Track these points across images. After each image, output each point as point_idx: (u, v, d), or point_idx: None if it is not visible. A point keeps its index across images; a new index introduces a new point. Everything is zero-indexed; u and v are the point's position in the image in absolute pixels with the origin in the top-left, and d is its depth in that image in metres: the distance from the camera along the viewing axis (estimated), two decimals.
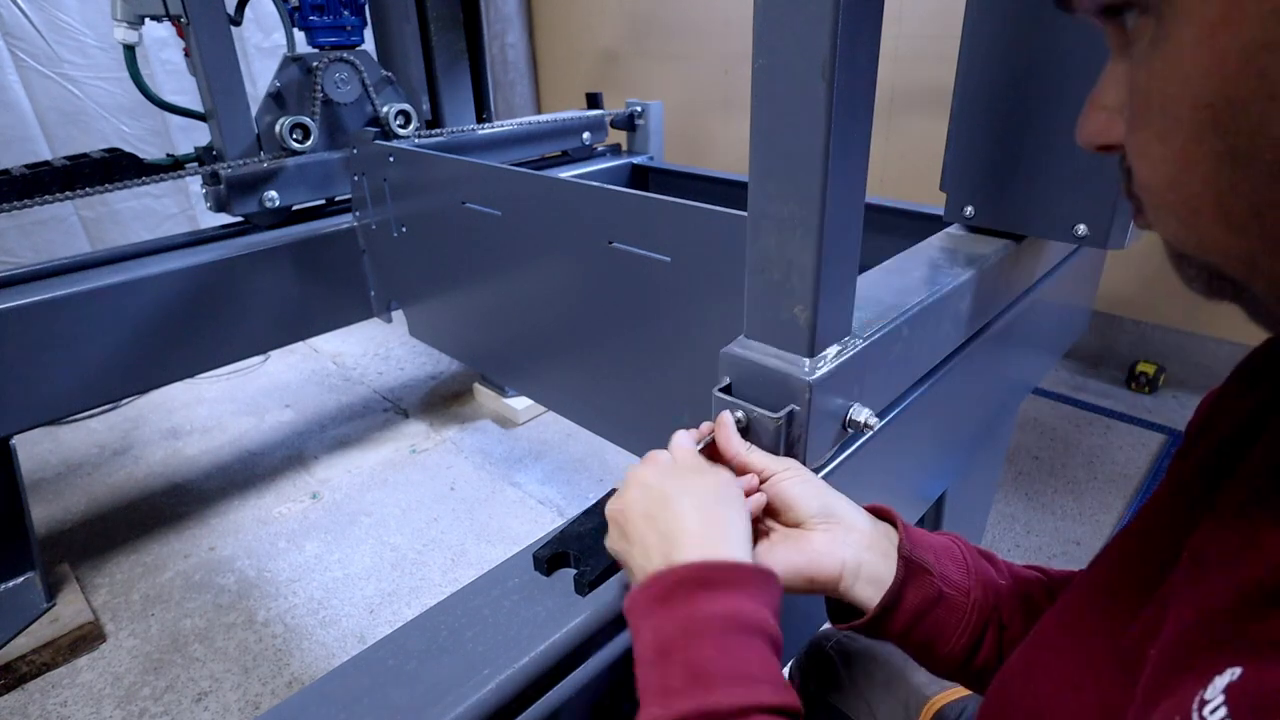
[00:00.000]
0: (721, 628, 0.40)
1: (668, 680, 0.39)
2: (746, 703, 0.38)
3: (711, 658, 0.39)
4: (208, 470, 1.98)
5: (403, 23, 1.82)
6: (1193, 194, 0.28)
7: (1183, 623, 0.32)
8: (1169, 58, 0.26)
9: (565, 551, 0.58)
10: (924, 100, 2.36)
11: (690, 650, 0.39)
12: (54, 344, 1.35)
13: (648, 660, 0.41)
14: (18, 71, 2.33)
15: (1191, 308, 2.14)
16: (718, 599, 0.41)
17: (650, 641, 0.41)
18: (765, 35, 0.54)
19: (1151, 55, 0.28)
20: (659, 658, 0.40)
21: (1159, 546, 0.39)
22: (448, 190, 1.49)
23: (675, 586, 0.42)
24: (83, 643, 1.43)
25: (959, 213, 0.94)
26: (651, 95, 2.11)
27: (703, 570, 0.42)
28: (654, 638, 0.41)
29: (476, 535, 1.72)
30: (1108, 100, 0.32)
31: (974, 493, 1.37)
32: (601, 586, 0.56)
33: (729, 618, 0.41)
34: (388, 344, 2.67)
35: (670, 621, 0.41)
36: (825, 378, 0.62)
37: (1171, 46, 0.26)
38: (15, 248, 2.45)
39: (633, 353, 1.25)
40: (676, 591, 0.42)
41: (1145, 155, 0.29)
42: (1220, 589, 0.31)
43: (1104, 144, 0.33)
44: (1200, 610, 0.31)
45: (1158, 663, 0.32)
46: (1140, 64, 0.28)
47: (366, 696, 0.48)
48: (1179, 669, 0.29)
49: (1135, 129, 0.30)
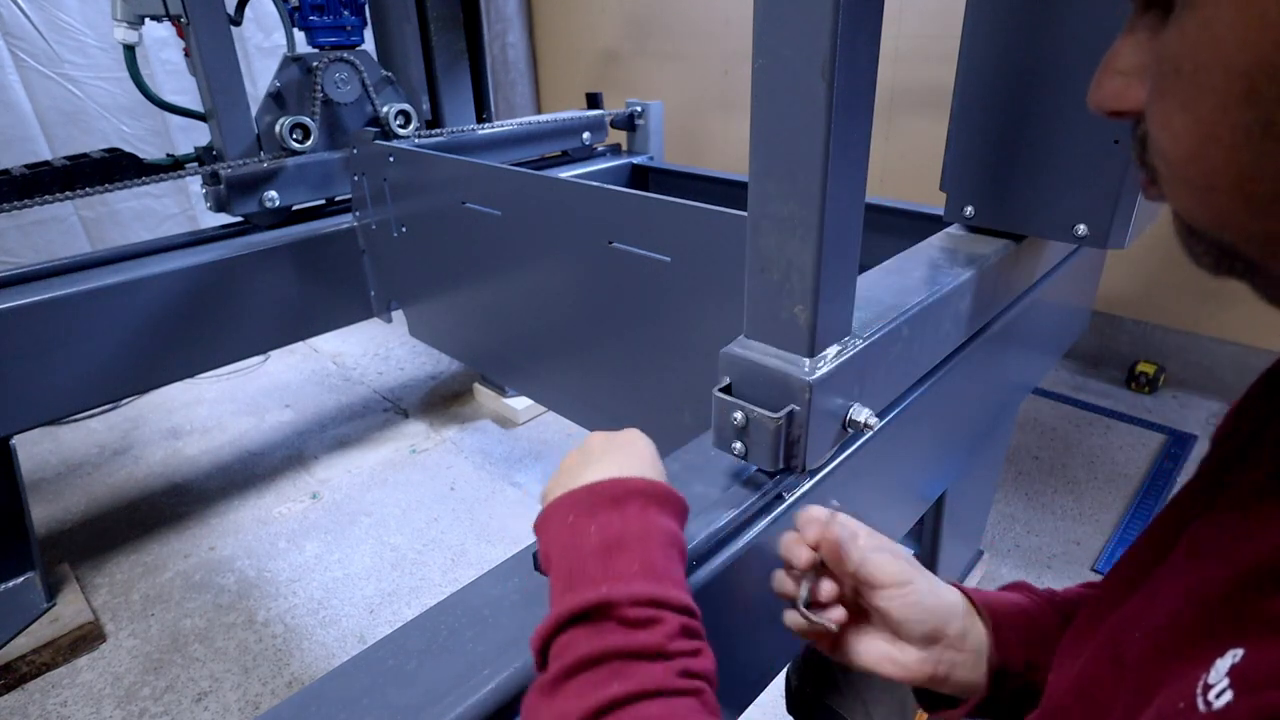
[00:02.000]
0: (669, 541, 0.44)
1: (619, 569, 0.41)
2: (688, 604, 0.42)
3: (662, 561, 0.43)
4: (208, 470, 1.98)
5: (403, 23, 1.82)
6: (1213, 168, 0.27)
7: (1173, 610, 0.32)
8: (1204, 23, 0.25)
9: None
10: (924, 100, 2.36)
11: (644, 550, 0.42)
12: (54, 344, 1.35)
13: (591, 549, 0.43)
14: (18, 71, 2.33)
15: (1192, 308, 2.14)
16: (665, 517, 0.45)
17: (596, 535, 0.43)
18: (765, 35, 0.54)
19: (1184, 20, 0.27)
20: (607, 550, 0.42)
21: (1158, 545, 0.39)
22: (448, 190, 1.49)
23: (631, 495, 0.45)
24: (83, 643, 1.43)
25: (959, 213, 0.94)
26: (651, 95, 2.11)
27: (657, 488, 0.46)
28: (602, 533, 0.43)
29: (476, 535, 1.72)
30: (1123, 64, 0.31)
31: (974, 493, 1.37)
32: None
33: (673, 538, 0.45)
34: (388, 344, 2.67)
35: (624, 522, 0.44)
36: (825, 378, 0.62)
37: (1208, 11, 0.25)
38: (15, 248, 2.45)
39: (633, 353, 1.25)
40: (631, 499, 0.45)
41: (1167, 125, 0.28)
42: (1216, 576, 0.31)
43: (1117, 109, 0.32)
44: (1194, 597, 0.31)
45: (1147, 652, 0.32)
46: (1173, 28, 0.27)
47: (366, 696, 0.47)
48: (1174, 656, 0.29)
49: (1159, 97, 0.29)
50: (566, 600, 0.40)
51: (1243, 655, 0.26)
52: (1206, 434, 1.98)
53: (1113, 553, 1.57)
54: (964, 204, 0.94)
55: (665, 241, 1.12)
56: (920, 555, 1.31)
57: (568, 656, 0.39)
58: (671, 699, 0.37)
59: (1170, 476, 1.81)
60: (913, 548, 1.32)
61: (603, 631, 0.39)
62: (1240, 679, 0.25)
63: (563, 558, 0.43)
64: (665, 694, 0.37)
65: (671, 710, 0.37)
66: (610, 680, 0.37)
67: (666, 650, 0.39)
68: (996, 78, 0.85)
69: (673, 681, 0.38)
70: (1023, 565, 1.57)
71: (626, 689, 0.37)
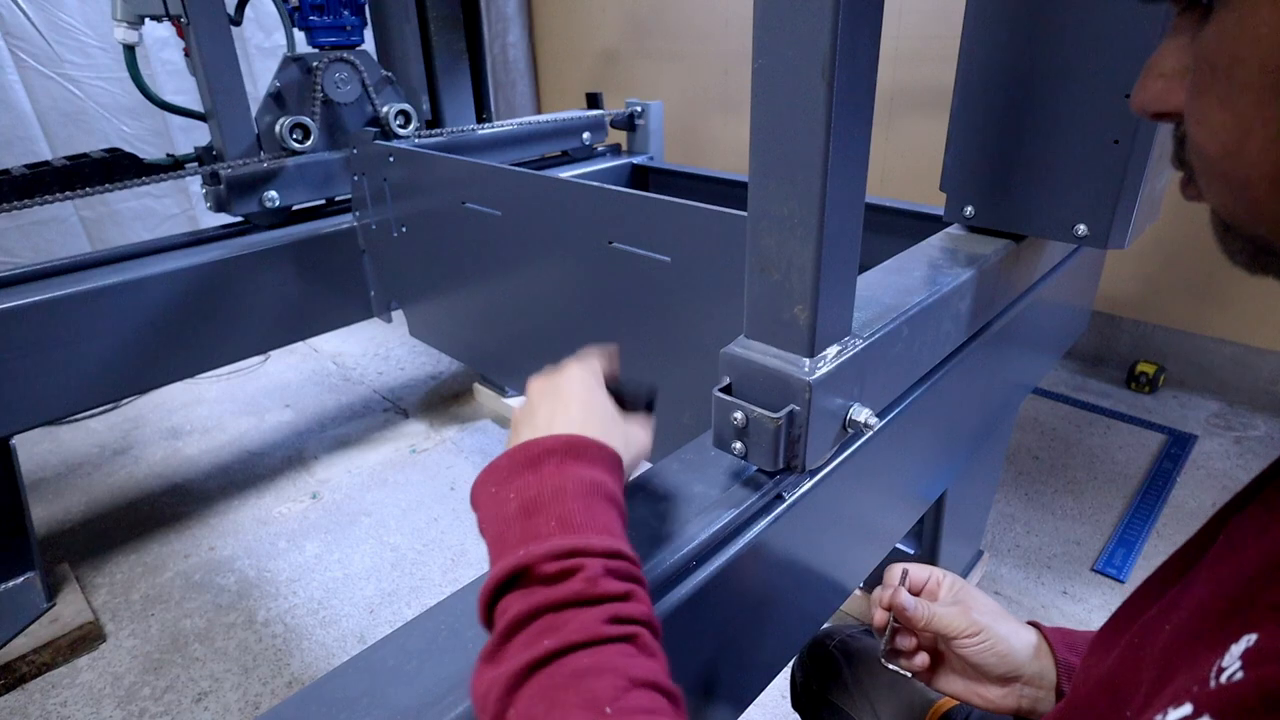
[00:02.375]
0: (589, 490, 0.44)
1: (537, 528, 0.42)
2: (615, 547, 0.42)
3: (580, 510, 0.43)
4: (208, 470, 1.98)
5: (403, 23, 1.83)
6: (1250, 163, 0.27)
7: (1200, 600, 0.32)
8: (1241, 20, 0.26)
9: None
10: (924, 100, 2.36)
11: (561, 505, 0.43)
12: (54, 344, 1.35)
13: (510, 516, 0.43)
14: (18, 71, 2.33)
15: (1192, 308, 2.14)
16: (583, 467, 0.45)
17: (515, 500, 0.44)
18: (765, 35, 0.54)
19: (1222, 18, 0.27)
20: (525, 513, 0.43)
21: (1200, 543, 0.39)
22: (448, 190, 1.49)
23: (546, 454, 0.45)
24: (83, 643, 1.43)
25: (959, 213, 0.94)
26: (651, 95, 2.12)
27: (572, 441, 0.46)
28: (520, 497, 0.44)
29: (476, 535, 1.71)
30: (1165, 67, 0.32)
31: (974, 493, 1.37)
32: None
33: (595, 483, 0.45)
34: (388, 344, 2.67)
35: (539, 482, 0.44)
36: (825, 378, 0.62)
37: (1245, 9, 0.26)
38: (15, 248, 2.45)
39: (633, 353, 1.25)
40: (547, 458, 0.45)
41: (1204, 121, 0.29)
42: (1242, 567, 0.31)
43: (1160, 110, 0.33)
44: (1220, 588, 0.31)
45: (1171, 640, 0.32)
46: (1212, 27, 0.28)
47: (366, 696, 0.47)
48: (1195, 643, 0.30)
49: (1197, 94, 0.29)
50: (494, 569, 0.41)
51: (1256, 639, 0.26)
52: (1207, 434, 1.98)
53: (1112, 552, 1.57)
54: (964, 204, 0.94)
55: (665, 241, 1.12)
56: (920, 555, 1.31)
57: (502, 621, 0.39)
58: (601, 648, 0.37)
59: (1170, 476, 1.81)
60: (913, 548, 1.32)
61: (529, 592, 0.40)
62: (1251, 661, 0.25)
63: (490, 526, 0.44)
64: (595, 643, 0.37)
65: (602, 659, 0.37)
66: (541, 636, 0.38)
67: (590, 595, 0.39)
68: (996, 78, 0.85)
69: (601, 629, 0.38)
70: (1023, 565, 1.57)
71: (556, 643, 0.37)
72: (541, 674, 0.37)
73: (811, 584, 0.75)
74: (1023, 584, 1.52)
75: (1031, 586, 1.51)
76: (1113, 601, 1.47)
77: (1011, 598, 1.49)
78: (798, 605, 0.75)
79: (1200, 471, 1.84)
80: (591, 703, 0.35)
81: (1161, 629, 0.34)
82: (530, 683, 0.36)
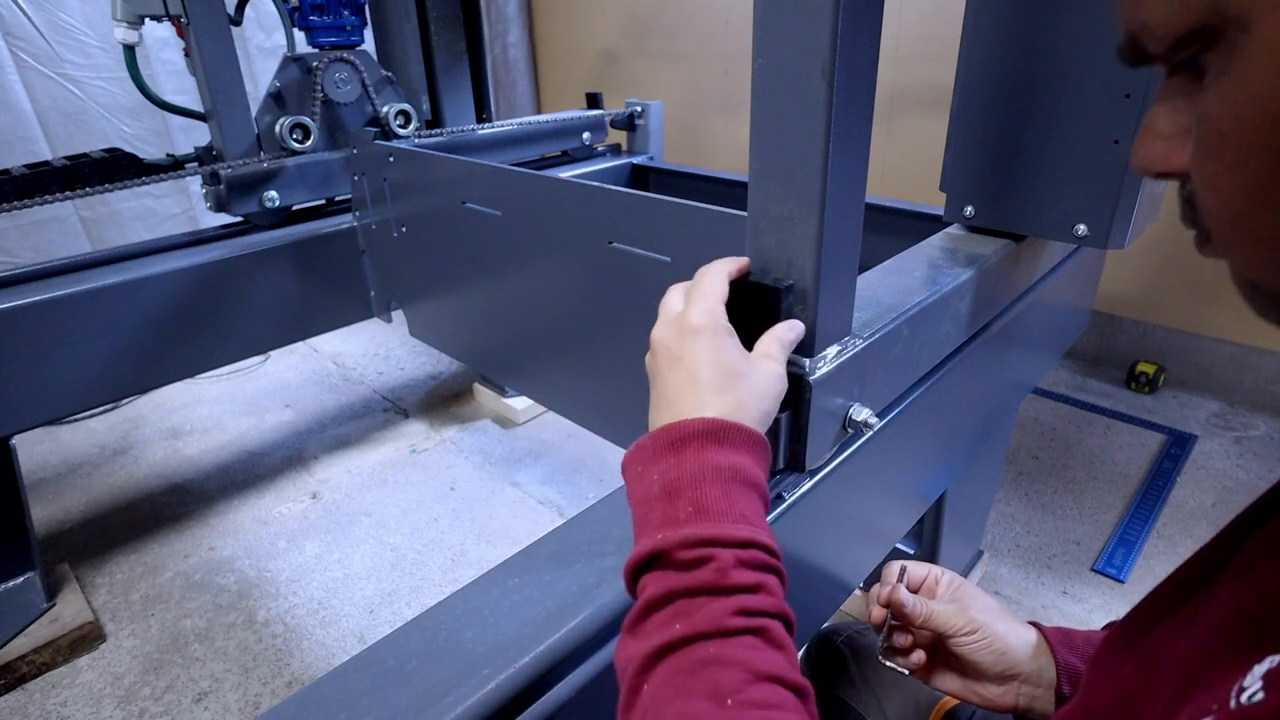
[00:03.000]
0: (728, 476, 0.44)
1: (675, 512, 0.43)
2: (748, 537, 0.42)
3: (717, 497, 0.43)
4: (208, 470, 1.98)
5: (403, 23, 1.83)
6: (1266, 225, 0.27)
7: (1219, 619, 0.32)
8: (1246, 86, 0.26)
9: None
10: (924, 100, 2.36)
11: (699, 490, 0.43)
12: (54, 344, 1.34)
13: (654, 496, 0.44)
14: (18, 71, 2.33)
15: (1192, 308, 2.14)
16: (724, 452, 0.45)
17: (658, 481, 0.45)
18: (765, 35, 0.54)
19: (1224, 83, 0.27)
20: (666, 495, 0.44)
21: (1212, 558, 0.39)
22: (448, 190, 1.49)
23: (690, 437, 0.46)
24: (83, 643, 1.43)
25: (959, 213, 0.94)
26: (651, 95, 2.11)
27: (714, 425, 0.46)
28: (663, 479, 0.45)
29: (476, 535, 1.72)
30: (1164, 128, 0.32)
31: (974, 493, 1.37)
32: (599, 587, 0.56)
33: (734, 469, 0.45)
34: (388, 344, 2.67)
35: (679, 466, 0.45)
36: (825, 377, 0.62)
37: (1249, 75, 0.26)
38: (15, 248, 2.45)
39: (633, 353, 1.25)
40: (689, 442, 0.46)
41: (1214, 187, 0.29)
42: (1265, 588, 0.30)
43: (1164, 171, 0.32)
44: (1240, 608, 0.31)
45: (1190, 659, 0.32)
46: (1210, 95, 0.28)
47: (366, 696, 0.47)
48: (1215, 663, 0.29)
49: (1204, 160, 0.29)
50: (637, 546, 0.43)
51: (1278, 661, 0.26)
52: (1207, 434, 1.98)
53: (1112, 553, 1.57)
54: (964, 204, 0.94)
55: (665, 241, 1.12)
56: (920, 555, 1.31)
57: (642, 598, 0.41)
58: (728, 639, 0.38)
59: (1170, 476, 1.81)
60: (913, 548, 1.32)
61: (665, 576, 0.41)
62: (1272, 680, 0.25)
63: (636, 504, 0.46)
64: (722, 634, 0.38)
65: (727, 650, 0.38)
66: (674, 619, 0.39)
67: (721, 586, 0.40)
68: (996, 78, 0.85)
69: (727, 621, 0.39)
70: (1023, 565, 1.57)
71: (686, 629, 0.39)
72: (671, 658, 0.38)
73: (812, 582, 0.75)
74: (1023, 584, 1.52)
75: (1031, 586, 1.51)
76: (1113, 602, 1.47)
77: (1011, 598, 1.49)
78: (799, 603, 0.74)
79: (1200, 471, 1.84)
80: (714, 693, 0.36)
81: (1178, 644, 0.34)
82: (662, 665, 0.38)
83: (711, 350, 0.50)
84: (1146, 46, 0.30)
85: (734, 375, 0.50)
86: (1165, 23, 0.28)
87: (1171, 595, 0.41)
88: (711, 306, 0.53)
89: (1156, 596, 0.43)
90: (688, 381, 0.49)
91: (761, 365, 0.53)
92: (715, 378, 0.49)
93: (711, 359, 0.50)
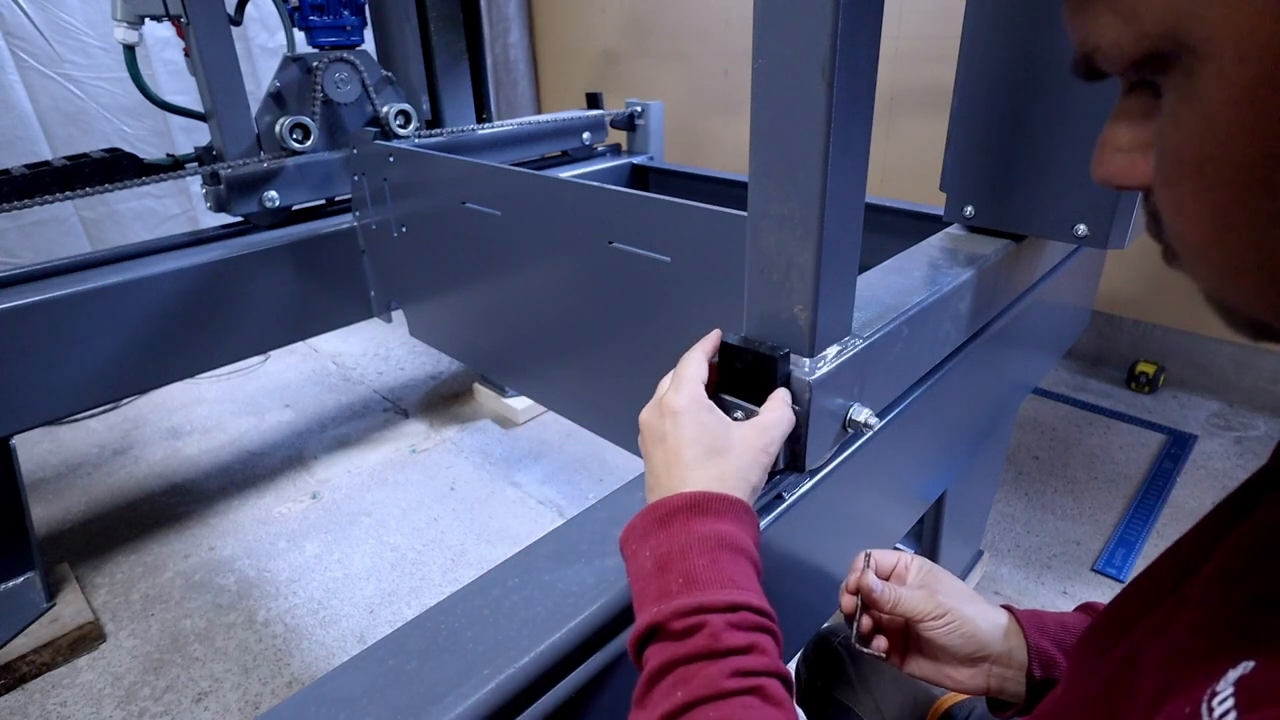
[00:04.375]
0: (713, 545, 0.47)
1: (667, 585, 0.45)
2: (735, 600, 0.44)
3: (704, 566, 0.46)
4: (208, 470, 1.98)
5: (403, 23, 1.82)
6: (1235, 253, 0.26)
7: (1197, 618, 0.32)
8: (1207, 116, 0.25)
9: None
10: (924, 100, 2.36)
11: (686, 562, 0.46)
12: (54, 344, 1.35)
13: (648, 572, 0.47)
14: (19, 72, 2.33)
15: (1192, 308, 2.14)
16: (708, 522, 0.48)
17: (650, 557, 0.48)
18: (765, 35, 0.54)
19: (1182, 111, 0.26)
20: (658, 570, 0.47)
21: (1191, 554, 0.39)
22: (448, 190, 1.49)
23: (675, 512, 0.49)
24: (83, 643, 1.43)
25: (959, 213, 0.94)
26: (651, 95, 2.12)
27: (696, 498, 0.49)
28: (654, 554, 0.47)
29: (476, 535, 1.72)
30: (1123, 142, 0.31)
31: (974, 493, 1.37)
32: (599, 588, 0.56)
33: (719, 537, 0.47)
34: (388, 344, 2.67)
35: (668, 540, 0.47)
36: (825, 378, 0.62)
37: (1210, 106, 0.25)
38: (15, 248, 2.45)
39: (633, 353, 1.25)
40: (675, 516, 0.48)
41: (1180, 211, 0.28)
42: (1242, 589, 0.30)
43: (1125, 185, 0.31)
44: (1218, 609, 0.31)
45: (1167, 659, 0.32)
46: (1169, 120, 0.27)
47: (366, 696, 0.47)
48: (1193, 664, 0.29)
49: (1168, 184, 0.28)
50: (637, 621, 0.46)
51: (1252, 668, 0.25)
52: (1207, 434, 1.98)
53: (1112, 552, 1.57)
54: (964, 204, 0.94)
55: (665, 241, 1.12)
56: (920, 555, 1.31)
57: (646, 671, 0.44)
58: (726, 700, 0.40)
59: (1170, 476, 1.81)
60: (913, 547, 1.32)
61: (663, 647, 0.44)
62: (1244, 690, 0.25)
63: (634, 580, 0.49)
64: (720, 696, 0.40)
65: (726, 712, 0.40)
66: (675, 687, 0.41)
67: (714, 650, 0.42)
68: (996, 78, 0.85)
69: (724, 684, 0.41)
70: (1023, 565, 1.57)
71: (686, 696, 0.41)
72: None
73: (812, 582, 0.75)
74: (1023, 584, 1.52)
75: (1031, 586, 1.51)
76: None
77: (1011, 598, 1.49)
78: (799, 603, 0.75)
79: (1200, 471, 1.84)
80: None
81: (1157, 643, 0.34)
82: None
83: (692, 429, 0.53)
84: (1099, 65, 0.30)
85: (715, 451, 0.53)
86: (1118, 45, 0.27)
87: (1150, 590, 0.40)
88: (691, 389, 0.56)
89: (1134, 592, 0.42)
90: (673, 460, 0.52)
91: (745, 436, 0.55)
92: (696, 455, 0.52)
93: (692, 437, 0.53)
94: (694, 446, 0.52)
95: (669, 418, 0.54)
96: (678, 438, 0.53)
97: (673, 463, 0.52)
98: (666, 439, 0.53)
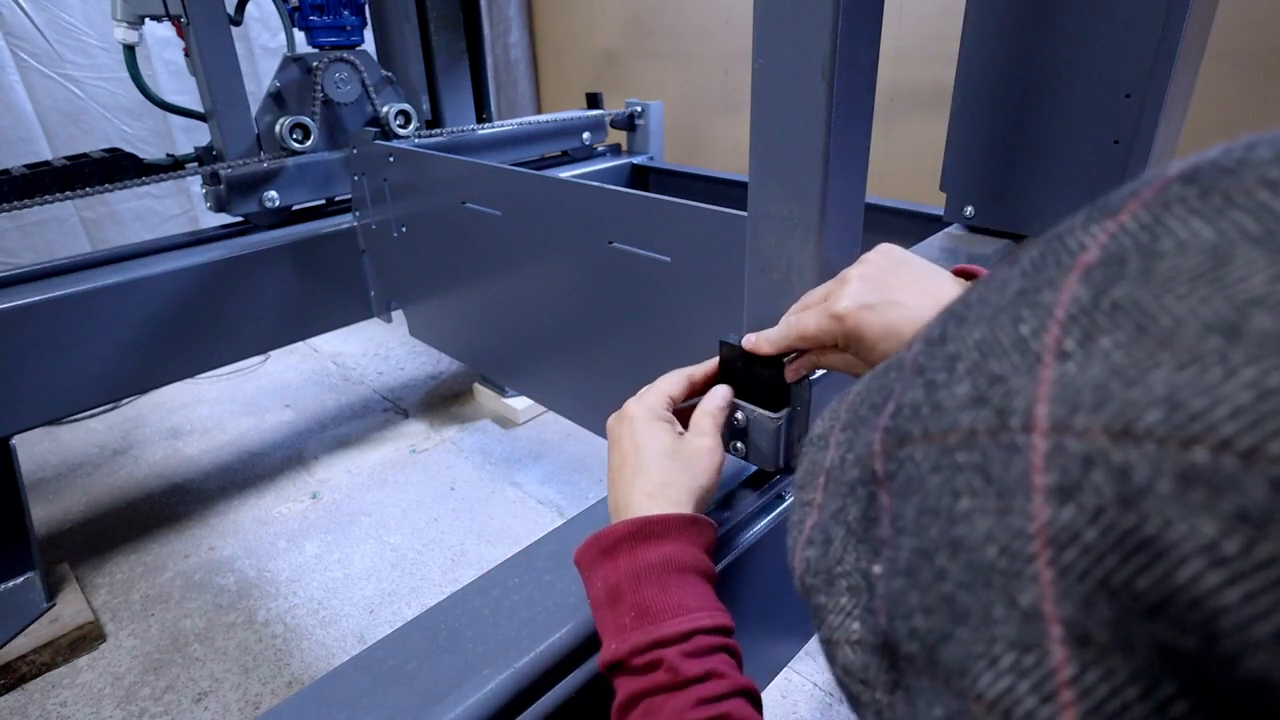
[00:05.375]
0: (660, 570, 0.47)
1: (620, 619, 0.46)
2: (687, 628, 0.44)
3: (653, 596, 0.46)
4: (208, 470, 1.98)
5: (403, 23, 1.83)
6: None
7: None
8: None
9: None
10: (924, 100, 2.36)
11: (636, 593, 0.46)
12: (54, 344, 1.35)
13: (602, 603, 0.48)
14: (19, 71, 2.33)
15: None
16: (651, 548, 0.48)
17: (602, 588, 0.48)
18: (765, 35, 0.54)
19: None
20: (610, 602, 0.47)
21: None
22: (448, 190, 1.49)
23: (619, 541, 0.48)
24: (83, 643, 1.43)
25: (959, 213, 0.94)
26: (651, 95, 2.12)
27: (640, 525, 0.49)
28: (604, 585, 0.48)
29: (476, 535, 1.72)
30: None
31: None
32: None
33: (666, 562, 0.48)
34: (388, 344, 2.67)
35: (616, 571, 0.48)
36: (825, 377, 0.62)
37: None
38: (15, 248, 2.45)
39: (633, 353, 1.25)
40: (621, 545, 0.48)
41: None
42: None
43: None
44: None
45: None
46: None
47: (366, 696, 0.47)
48: None
49: None
50: (600, 654, 0.47)
51: None
52: None
53: None
54: (964, 204, 0.94)
55: (665, 241, 1.12)
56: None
57: (616, 701, 0.45)
58: None
59: None
60: None
61: (628, 681, 0.45)
62: None
63: (593, 609, 0.49)
64: None
65: None
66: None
67: (676, 683, 0.43)
68: (996, 78, 0.85)
69: (690, 715, 0.41)
70: None
71: None
72: None
73: None
74: None
75: None
76: None
77: None
78: (799, 604, 0.75)
79: None
80: None
81: None
82: None
83: (640, 435, 0.54)
84: None
85: (659, 455, 0.53)
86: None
87: None
88: (649, 400, 0.57)
89: None
90: (621, 463, 0.54)
91: (692, 443, 0.55)
92: (642, 461, 0.53)
93: (638, 443, 0.54)
94: (638, 452, 0.53)
95: (625, 422, 0.55)
96: (627, 441, 0.54)
97: (621, 465, 0.53)
98: (620, 442, 0.55)
